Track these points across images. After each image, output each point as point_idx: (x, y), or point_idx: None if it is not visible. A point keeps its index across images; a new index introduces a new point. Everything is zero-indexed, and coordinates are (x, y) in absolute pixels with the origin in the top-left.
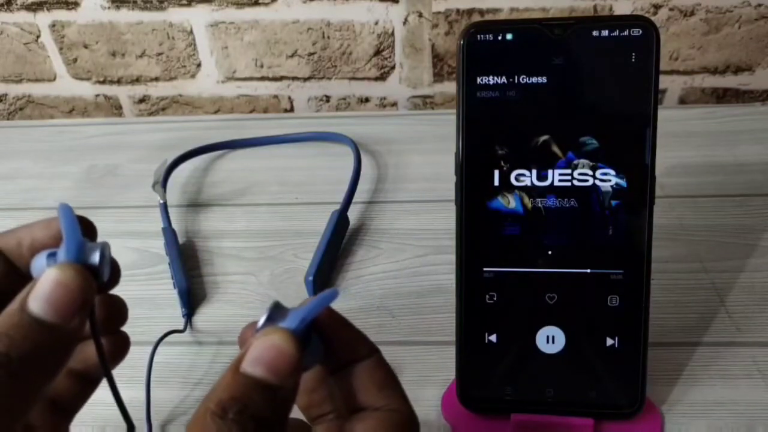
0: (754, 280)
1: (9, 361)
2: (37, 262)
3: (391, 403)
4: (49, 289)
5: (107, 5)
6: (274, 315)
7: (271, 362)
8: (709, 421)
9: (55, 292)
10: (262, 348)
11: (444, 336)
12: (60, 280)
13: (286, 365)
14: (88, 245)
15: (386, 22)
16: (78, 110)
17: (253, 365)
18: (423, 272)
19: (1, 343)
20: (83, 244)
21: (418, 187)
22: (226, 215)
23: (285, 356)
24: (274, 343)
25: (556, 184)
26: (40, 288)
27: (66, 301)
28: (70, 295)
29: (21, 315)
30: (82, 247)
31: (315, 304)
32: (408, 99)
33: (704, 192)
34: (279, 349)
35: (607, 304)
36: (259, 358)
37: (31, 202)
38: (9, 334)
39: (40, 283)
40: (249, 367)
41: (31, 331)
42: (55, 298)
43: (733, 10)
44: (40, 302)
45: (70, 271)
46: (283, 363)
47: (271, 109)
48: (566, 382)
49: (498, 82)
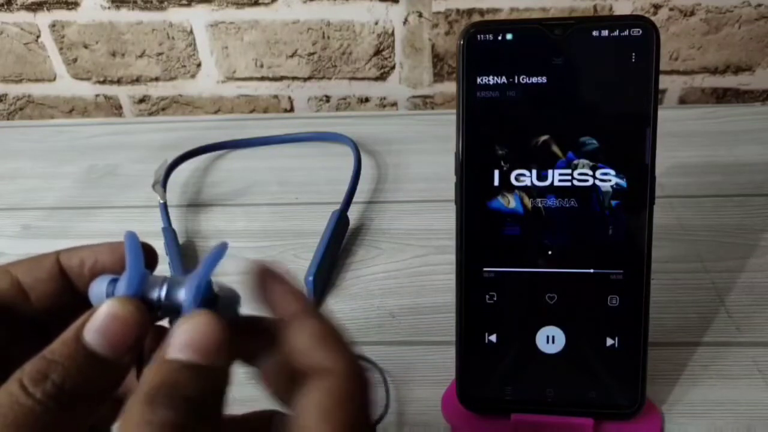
0: (754, 280)
1: (62, 393)
2: (95, 287)
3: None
4: (107, 322)
5: (107, 5)
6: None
7: (109, 332)
8: (709, 421)
9: (111, 326)
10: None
11: (444, 336)
12: (118, 314)
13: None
14: (150, 279)
15: (386, 22)
16: (78, 110)
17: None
18: (423, 272)
19: (57, 373)
20: (145, 276)
21: (418, 187)
22: (226, 215)
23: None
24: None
25: (556, 184)
26: (97, 320)
27: (122, 337)
28: (127, 331)
29: (76, 346)
30: (144, 281)
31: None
32: (408, 99)
33: (704, 192)
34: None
35: (607, 304)
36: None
37: (31, 202)
38: (64, 364)
39: (97, 315)
40: (175, 354)
41: (84, 364)
42: (112, 332)
43: (733, 10)
44: (95, 335)
45: (129, 306)
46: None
47: (271, 109)
48: (566, 382)
49: (498, 82)
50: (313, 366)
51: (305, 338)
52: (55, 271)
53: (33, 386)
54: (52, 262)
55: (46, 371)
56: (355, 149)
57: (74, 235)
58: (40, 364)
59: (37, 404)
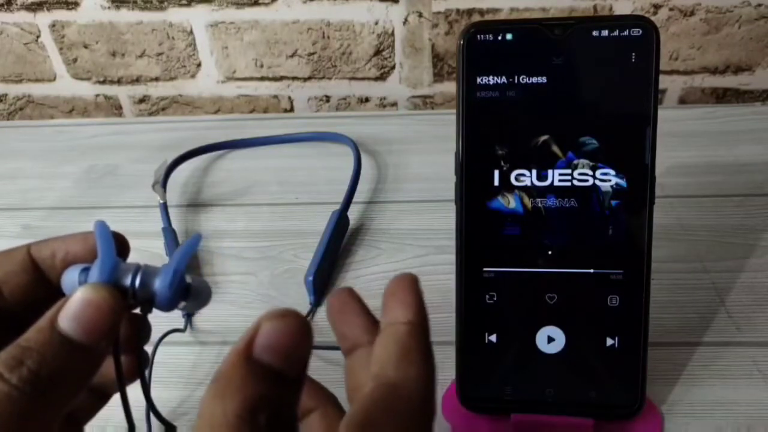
0: (754, 280)
1: (38, 379)
2: (68, 276)
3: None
4: (80, 308)
5: (107, 5)
6: (146, 278)
7: (83, 319)
8: (709, 421)
9: (85, 312)
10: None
11: (444, 336)
12: (91, 300)
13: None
14: (122, 266)
15: (386, 22)
16: (78, 110)
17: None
18: (423, 272)
19: (33, 359)
20: (117, 264)
21: (418, 187)
22: (226, 215)
23: (99, 313)
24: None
25: (556, 184)
26: (71, 307)
27: (96, 322)
28: (101, 316)
29: (51, 333)
30: (116, 267)
31: (181, 254)
32: (408, 99)
33: (704, 192)
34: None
35: (607, 304)
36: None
37: (31, 202)
38: (39, 351)
39: (71, 302)
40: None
41: (60, 350)
42: (86, 318)
43: (733, 10)
44: (70, 321)
45: (103, 291)
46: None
47: (271, 109)
48: (566, 382)
49: (498, 82)
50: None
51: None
52: (26, 264)
53: (8, 372)
54: (23, 254)
55: (21, 358)
56: (355, 149)
57: None
58: (15, 351)
59: (14, 389)
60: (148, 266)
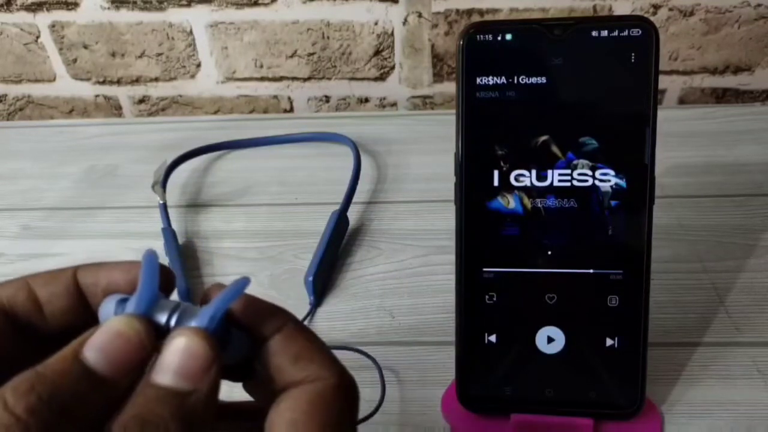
0: (754, 280)
1: (47, 410)
2: (105, 306)
3: (310, 374)
4: (108, 339)
5: (107, 5)
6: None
7: (181, 367)
8: (709, 421)
9: (114, 343)
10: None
11: (444, 336)
12: (121, 332)
13: (198, 367)
14: (161, 301)
15: (386, 22)
16: (78, 110)
17: (162, 373)
18: (423, 272)
19: (46, 388)
20: (156, 298)
21: (418, 187)
22: (226, 216)
23: (197, 358)
24: (182, 345)
25: (556, 184)
26: (99, 336)
27: (123, 355)
28: (129, 350)
29: (73, 362)
30: (154, 302)
31: (225, 296)
32: (408, 99)
33: (704, 192)
34: (189, 350)
35: (607, 304)
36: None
37: (31, 202)
38: (56, 380)
39: (99, 331)
40: (158, 377)
41: (78, 381)
42: (113, 349)
43: (733, 10)
44: (95, 352)
45: (135, 324)
46: (194, 365)
47: (270, 110)
48: (566, 382)
49: (498, 82)
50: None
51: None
52: (71, 287)
53: (15, 399)
54: (69, 277)
55: (35, 384)
56: (355, 149)
57: (74, 236)
58: (30, 376)
59: (15, 420)
60: (189, 306)
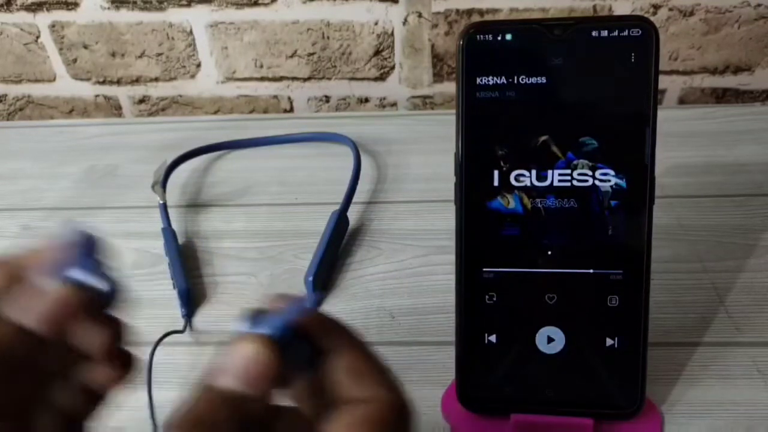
0: (754, 280)
1: None
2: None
3: (368, 393)
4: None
5: (107, 6)
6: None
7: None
8: (709, 421)
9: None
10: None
11: (444, 336)
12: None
13: (261, 373)
14: None
15: (386, 22)
16: (78, 110)
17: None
18: (423, 272)
19: None
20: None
21: (418, 187)
22: (226, 216)
23: (260, 364)
24: (248, 352)
25: (556, 184)
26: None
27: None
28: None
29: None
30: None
31: (294, 308)
32: (408, 99)
33: (704, 192)
34: (254, 357)
35: (607, 304)
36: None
37: (31, 202)
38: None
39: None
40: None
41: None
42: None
43: (733, 10)
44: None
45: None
46: (257, 371)
47: (270, 110)
48: (566, 382)
49: (498, 83)
50: (347, 398)
51: (342, 372)
52: None
53: None
54: None
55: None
56: (355, 149)
57: None
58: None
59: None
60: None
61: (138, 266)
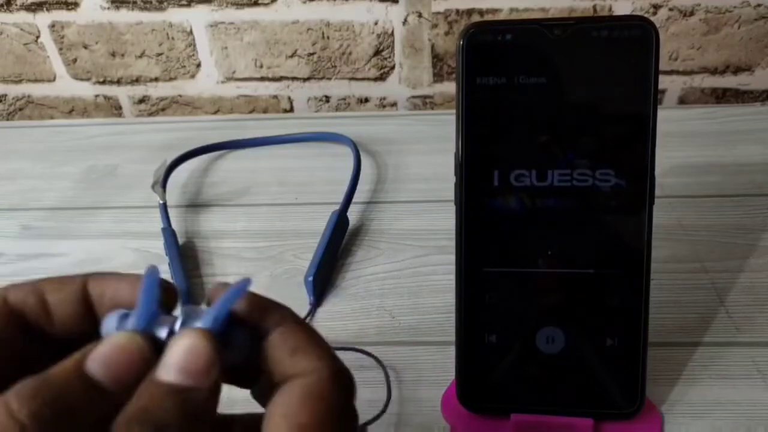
0: (754, 280)
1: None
2: (107, 321)
3: (305, 366)
4: (111, 352)
5: (107, 5)
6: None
7: (185, 365)
8: (709, 421)
9: (116, 357)
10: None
11: (444, 336)
12: (124, 346)
13: (201, 365)
14: (161, 317)
15: (386, 22)
16: (78, 110)
17: (166, 371)
18: (423, 272)
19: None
20: (156, 315)
21: (418, 187)
22: (226, 215)
23: (199, 356)
24: (186, 345)
25: (556, 184)
26: (102, 350)
27: (125, 368)
28: (131, 363)
29: (76, 372)
30: (154, 319)
31: (228, 297)
32: (408, 99)
33: (704, 192)
34: (192, 349)
35: (607, 304)
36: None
37: (31, 202)
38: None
39: (102, 345)
40: (162, 374)
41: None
42: (116, 363)
43: (733, 10)
44: (98, 365)
45: (137, 339)
46: (198, 363)
47: (270, 110)
48: (566, 382)
49: (498, 83)
50: (286, 374)
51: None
52: (80, 295)
53: (19, 405)
54: (79, 285)
55: (38, 391)
56: (355, 149)
57: (74, 236)
58: (34, 384)
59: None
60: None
61: (138, 266)
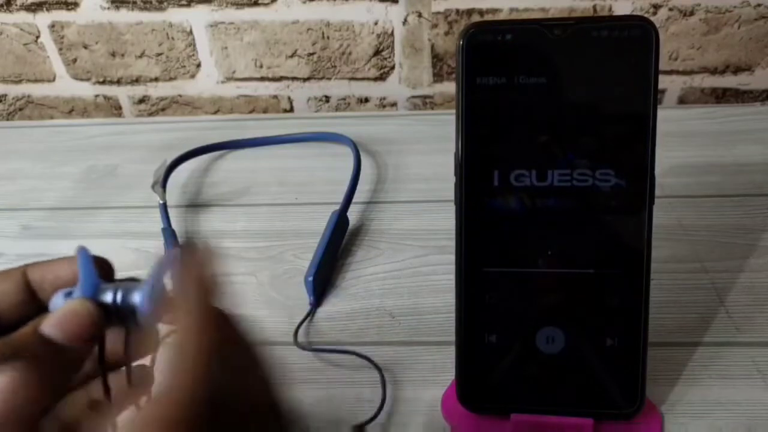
0: (754, 280)
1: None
2: (54, 300)
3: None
4: (62, 316)
5: (107, 5)
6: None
7: (65, 324)
8: (709, 421)
9: (67, 319)
10: (59, 312)
11: (444, 336)
12: (76, 310)
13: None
14: (102, 286)
15: (386, 22)
16: (78, 110)
17: (46, 324)
18: (423, 272)
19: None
20: (98, 284)
21: (418, 187)
22: (226, 215)
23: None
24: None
25: (556, 184)
26: (54, 315)
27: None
28: (82, 322)
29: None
30: (97, 287)
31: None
32: (408, 99)
33: (704, 192)
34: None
35: (607, 304)
36: (56, 322)
37: (31, 202)
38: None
39: (55, 312)
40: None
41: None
42: (67, 323)
43: (733, 10)
44: (52, 327)
45: (84, 302)
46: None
47: (270, 110)
48: (566, 382)
49: (498, 83)
50: None
51: None
52: (21, 284)
53: None
54: (19, 275)
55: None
56: (355, 149)
57: (74, 236)
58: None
59: None
60: (129, 283)
61: (138, 266)
